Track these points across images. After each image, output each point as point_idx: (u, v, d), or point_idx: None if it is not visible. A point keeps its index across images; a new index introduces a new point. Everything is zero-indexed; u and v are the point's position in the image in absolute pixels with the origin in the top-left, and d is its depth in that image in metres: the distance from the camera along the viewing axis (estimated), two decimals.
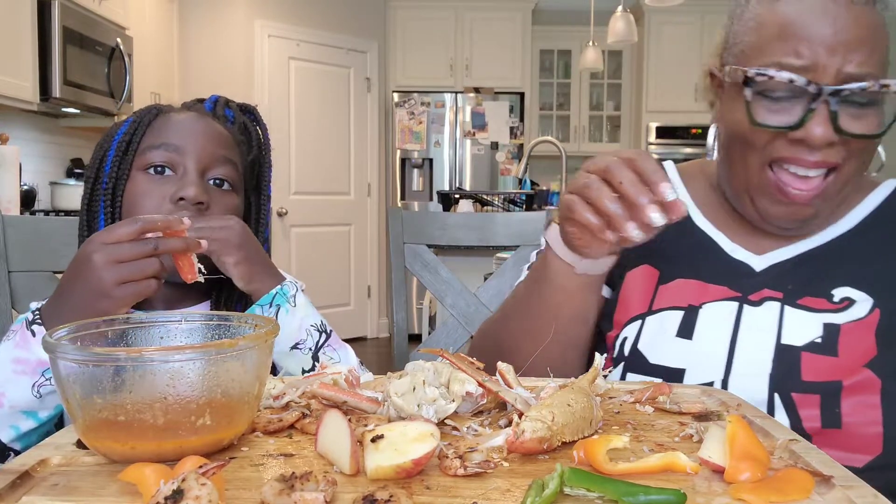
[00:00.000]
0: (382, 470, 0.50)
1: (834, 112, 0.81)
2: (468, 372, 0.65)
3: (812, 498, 0.47)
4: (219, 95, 1.11)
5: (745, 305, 0.89)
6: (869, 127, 0.83)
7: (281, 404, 0.67)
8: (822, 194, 0.85)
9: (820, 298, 0.87)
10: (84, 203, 1.00)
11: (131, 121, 1.00)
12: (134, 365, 0.52)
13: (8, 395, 0.80)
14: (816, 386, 0.81)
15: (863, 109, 0.83)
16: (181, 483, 0.43)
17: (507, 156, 6.06)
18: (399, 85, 6.11)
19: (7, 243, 1.24)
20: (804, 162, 0.84)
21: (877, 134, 0.84)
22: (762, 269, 0.92)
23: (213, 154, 0.99)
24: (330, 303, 5.64)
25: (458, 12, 6.13)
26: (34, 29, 3.34)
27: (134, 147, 0.97)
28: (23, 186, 3.51)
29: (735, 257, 0.94)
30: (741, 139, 0.88)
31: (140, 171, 0.97)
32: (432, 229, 1.53)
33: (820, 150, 0.83)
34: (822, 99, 0.81)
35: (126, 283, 0.78)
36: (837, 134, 0.82)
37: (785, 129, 0.84)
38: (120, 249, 0.78)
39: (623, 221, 0.76)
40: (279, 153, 5.33)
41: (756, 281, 0.91)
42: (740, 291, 0.90)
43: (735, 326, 0.88)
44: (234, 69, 5.11)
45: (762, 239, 0.94)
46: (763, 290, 0.90)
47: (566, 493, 0.48)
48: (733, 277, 0.92)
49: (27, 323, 0.83)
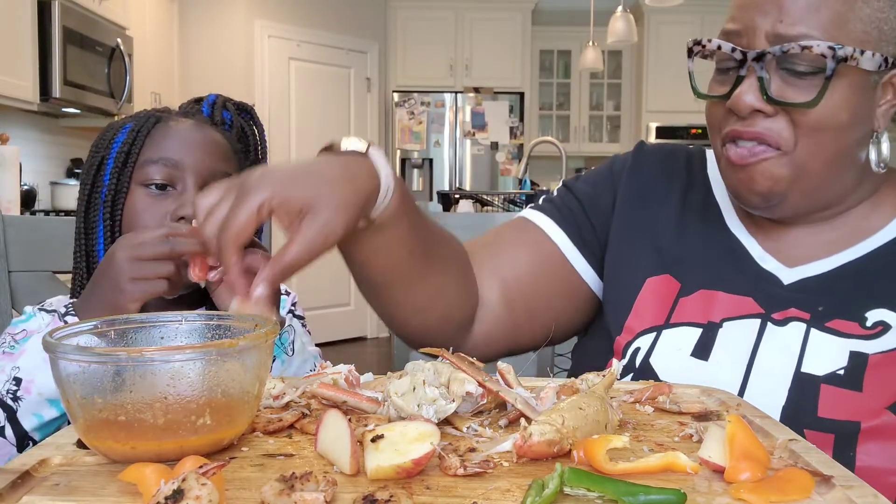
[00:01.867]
0: (382, 470, 0.50)
1: (761, 78, 0.76)
2: (468, 372, 0.65)
3: (812, 498, 0.47)
4: (217, 95, 1.10)
5: (768, 324, 0.83)
6: (804, 97, 0.75)
7: (281, 404, 0.67)
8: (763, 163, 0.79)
9: (851, 322, 0.80)
10: (81, 209, 1.00)
11: (129, 128, 1.00)
12: (134, 365, 0.52)
13: (36, 382, 0.82)
14: (832, 424, 0.75)
15: (804, 78, 0.75)
16: (181, 483, 0.43)
17: (507, 156, 6.06)
18: (399, 85, 6.11)
19: (7, 243, 1.24)
20: (739, 133, 0.79)
21: (807, 103, 0.75)
22: (791, 283, 0.85)
23: (212, 169, 0.99)
24: (330, 303, 5.64)
25: (458, 12, 6.13)
26: (34, 29, 3.34)
27: (133, 159, 0.97)
28: (23, 186, 3.51)
29: (764, 267, 0.87)
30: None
31: (139, 185, 0.97)
32: None
33: (750, 121, 0.78)
34: (748, 64, 0.76)
35: (139, 280, 0.83)
36: (767, 103, 0.76)
37: (717, 98, 0.80)
38: (141, 248, 0.83)
39: None
40: (279, 153, 5.35)
41: (784, 297, 0.84)
42: (765, 307, 0.84)
43: (754, 348, 0.82)
44: (235, 69, 5.11)
45: (794, 248, 0.88)
46: (790, 310, 0.83)
47: (566, 492, 0.48)
48: (760, 289, 0.86)
49: (59, 315, 0.89)
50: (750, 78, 0.77)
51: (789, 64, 0.76)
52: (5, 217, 1.25)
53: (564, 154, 3.56)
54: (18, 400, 0.82)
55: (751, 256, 0.89)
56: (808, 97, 0.75)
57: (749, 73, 0.77)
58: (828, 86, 0.75)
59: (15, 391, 0.82)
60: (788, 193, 0.81)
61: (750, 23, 0.77)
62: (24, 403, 0.82)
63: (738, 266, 0.88)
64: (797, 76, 0.76)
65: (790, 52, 0.75)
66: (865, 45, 0.76)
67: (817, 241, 0.87)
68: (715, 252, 0.90)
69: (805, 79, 0.76)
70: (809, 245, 0.87)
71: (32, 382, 0.82)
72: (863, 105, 0.78)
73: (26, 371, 0.83)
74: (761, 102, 0.76)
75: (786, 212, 0.85)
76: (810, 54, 0.74)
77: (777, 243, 0.89)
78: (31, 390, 0.83)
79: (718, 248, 0.90)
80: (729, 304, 0.86)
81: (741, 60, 0.77)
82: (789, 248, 0.88)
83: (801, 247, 0.87)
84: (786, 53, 0.75)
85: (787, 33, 0.75)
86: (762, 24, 0.76)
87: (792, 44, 0.74)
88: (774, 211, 0.85)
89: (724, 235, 0.91)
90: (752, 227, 0.91)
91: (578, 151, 6.58)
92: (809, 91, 0.75)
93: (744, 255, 0.89)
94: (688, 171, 0.98)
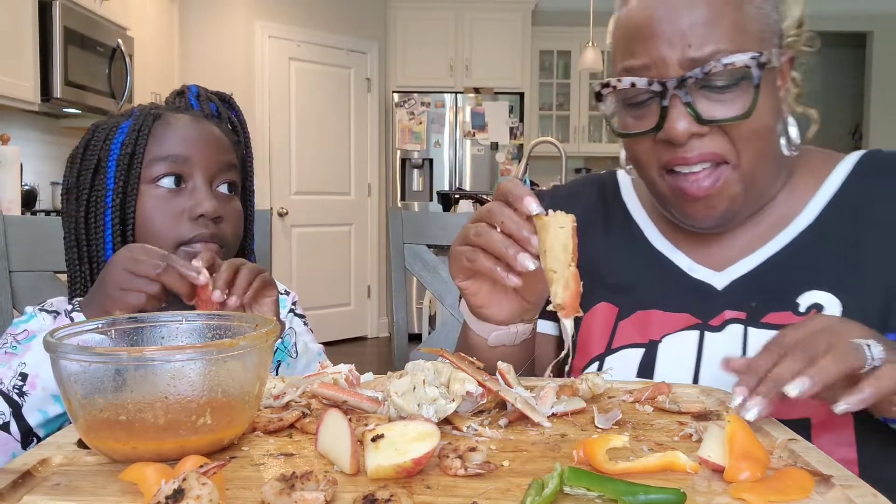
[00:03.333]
0: (383, 469, 0.50)
1: (688, 103, 0.76)
2: (468, 372, 0.65)
3: (812, 497, 0.47)
4: (197, 86, 1.09)
5: (706, 333, 0.84)
6: (736, 109, 0.77)
7: (281, 404, 0.68)
8: (722, 185, 0.80)
9: (785, 312, 0.81)
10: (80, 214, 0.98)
11: (127, 128, 0.98)
12: (135, 365, 0.53)
13: (41, 377, 0.82)
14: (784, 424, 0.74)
15: (725, 93, 0.77)
16: (182, 482, 0.43)
17: (507, 156, 6.06)
18: (399, 85, 6.11)
19: (8, 243, 1.24)
20: (685, 160, 0.79)
21: (742, 115, 0.76)
22: (724, 287, 0.86)
23: (219, 162, 0.99)
24: (330, 303, 5.64)
25: (458, 12, 6.13)
26: (35, 29, 3.34)
27: (139, 159, 0.96)
28: (24, 186, 3.50)
29: (696, 277, 0.88)
30: (630, 154, 0.86)
31: (148, 184, 0.96)
32: (432, 229, 1.53)
33: (688, 146, 0.78)
34: (670, 94, 0.76)
35: (126, 291, 0.84)
36: (700, 124, 0.77)
37: (646, 133, 0.80)
38: (138, 264, 0.84)
39: (515, 256, 0.70)
40: (280, 154, 5.35)
41: (718, 302, 0.85)
42: (701, 317, 0.85)
43: (697, 358, 0.83)
44: (235, 70, 5.10)
45: (721, 251, 0.88)
46: (724, 313, 0.84)
47: (566, 492, 0.48)
48: (695, 301, 0.86)
49: (66, 312, 0.89)
50: (676, 105, 0.77)
51: (709, 83, 0.77)
52: (6, 217, 1.25)
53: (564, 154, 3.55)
54: (24, 395, 0.82)
55: (680, 270, 0.90)
56: (736, 109, 0.77)
57: (673, 102, 0.77)
58: (759, 94, 0.76)
59: (21, 386, 0.82)
60: (742, 207, 0.83)
61: (657, 55, 0.77)
62: (30, 399, 0.82)
63: (669, 282, 0.90)
64: (719, 92, 0.77)
65: (713, 72, 0.75)
66: (766, 43, 0.79)
67: (743, 239, 0.88)
68: (645, 272, 0.91)
69: (727, 92, 0.77)
70: (736, 245, 0.88)
71: (38, 377, 0.82)
72: (776, 99, 0.81)
73: (32, 366, 0.83)
74: (696, 126, 0.77)
75: (736, 224, 0.86)
76: (734, 69, 0.75)
77: (704, 251, 0.90)
78: (37, 385, 0.82)
79: (647, 268, 0.92)
80: (666, 321, 0.87)
81: (660, 92, 0.77)
82: (717, 252, 0.89)
83: (728, 249, 0.88)
84: (708, 74, 0.76)
85: (700, 56, 0.76)
86: (670, 53, 0.77)
87: (712, 63, 0.75)
88: (727, 226, 0.86)
89: (650, 254, 0.93)
90: (677, 241, 0.92)
91: (578, 152, 6.58)
92: (735, 102, 0.77)
93: (673, 270, 0.90)
94: (602, 199, 1.00)
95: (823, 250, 0.83)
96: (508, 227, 0.71)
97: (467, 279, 0.78)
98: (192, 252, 0.95)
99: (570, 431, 0.63)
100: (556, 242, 0.67)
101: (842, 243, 0.83)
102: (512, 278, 0.72)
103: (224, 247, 0.98)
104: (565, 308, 0.65)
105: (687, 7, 0.76)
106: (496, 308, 0.79)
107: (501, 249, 0.71)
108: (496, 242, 0.72)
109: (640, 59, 0.79)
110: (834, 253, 0.83)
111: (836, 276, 0.81)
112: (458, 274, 0.78)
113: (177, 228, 0.95)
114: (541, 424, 0.64)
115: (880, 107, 6.95)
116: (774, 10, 0.81)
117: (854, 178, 0.86)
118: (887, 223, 0.82)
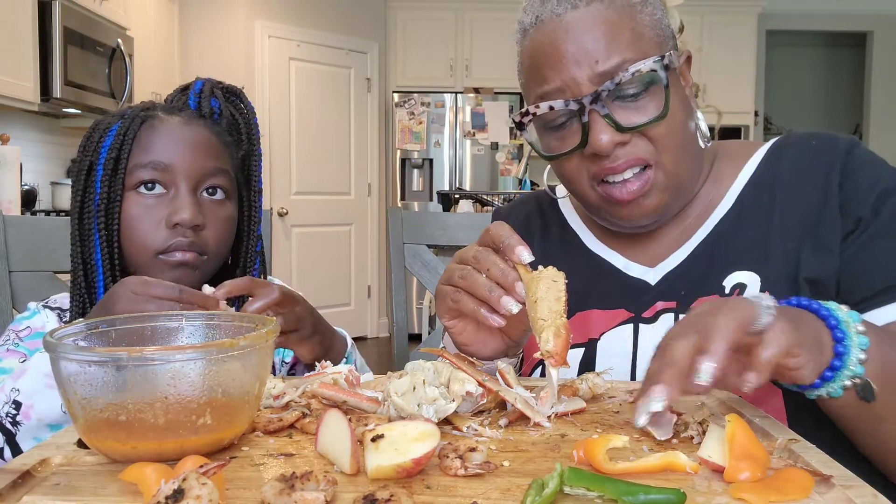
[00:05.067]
0: (383, 469, 0.50)
1: (606, 115, 0.80)
2: (468, 372, 0.65)
3: (812, 497, 0.47)
4: (204, 81, 1.06)
5: (640, 325, 0.87)
6: (651, 112, 0.81)
7: (281, 404, 0.67)
8: (650, 187, 0.84)
9: (712, 295, 0.84)
10: (75, 214, 0.98)
11: (115, 131, 0.97)
12: (135, 365, 0.52)
13: (36, 408, 0.80)
14: None
15: (638, 99, 0.81)
16: (182, 482, 0.43)
17: (507, 156, 6.06)
18: (399, 85, 6.11)
19: (8, 243, 1.24)
20: (613, 169, 0.83)
21: (659, 116, 0.81)
22: (657, 281, 0.90)
23: (203, 168, 0.97)
24: (330, 303, 5.64)
25: (458, 12, 6.13)
26: (35, 29, 3.34)
27: (123, 165, 0.95)
28: (23, 186, 3.50)
29: (631, 275, 0.92)
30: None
31: (131, 190, 0.96)
32: (432, 229, 1.53)
33: (616, 153, 0.82)
34: (587, 110, 0.81)
35: None
36: (622, 132, 0.81)
37: (573, 151, 0.83)
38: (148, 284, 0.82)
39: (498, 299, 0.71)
40: (280, 154, 5.35)
41: (651, 296, 0.89)
42: (635, 311, 0.88)
43: (633, 351, 0.87)
44: (235, 70, 5.10)
45: (654, 248, 0.92)
46: (656, 304, 0.88)
47: (566, 492, 0.48)
48: (630, 297, 0.90)
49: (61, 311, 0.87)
50: (596, 120, 0.81)
51: (622, 92, 0.81)
52: (6, 217, 1.26)
53: None
54: (18, 425, 0.80)
55: (616, 269, 0.94)
56: (651, 112, 0.81)
57: (593, 117, 0.81)
58: (669, 94, 0.81)
59: (14, 415, 0.80)
60: (671, 203, 0.87)
61: (567, 77, 0.82)
62: (24, 428, 0.80)
63: (605, 282, 0.93)
64: (632, 99, 0.81)
65: (623, 82, 0.80)
66: (664, 46, 0.84)
67: (673, 234, 0.92)
68: (582, 275, 0.94)
69: (640, 99, 0.81)
70: (666, 241, 0.92)
71: (32, 408, 0.80)
72: (684, 97, 0.86)
73: (26, 395, 0.80)
74: (618, 135, 0.81)
75: (665, 221, 0.90)
76: (642, 75, 0.80)
77: (638, 249, 0.94)
78: (31, 416, 0.80)
79: (585, 271, 0.95)
80: (603, 319, 0.90)
81: (578, 110, 0.81)
82: (650, 249, 0.93)
83: (659, 245, 0.92)
84: (619, 84, 0.80)
85: (608, 69, 0.80)
86: (580, 73, 0.81)
87: (621, 74, 0.80)
88: (658, 223, 0.90)
89: (587, 258, 0.97)
90: (612, 243, 0.97)
91: None
92: (649, 107, 0.82)
93: (610, 270, 0.94)
94: (540, 212, 1.06)
95: (742, 231, 0.88)
96: (494, 273, 0.72)
97: (452, 319, 0.79)
98: (169, 261, 0.94)
99: (570, 431, 0.63)
100: (549, 293, 0.67)
101: (757, 221, 0.88)
102: (496, 318, 0.73)
103: (205, 255, 0.97)
104: (555, 357, 0.64)
105: (586, 27, 0.81)
106: (481, 346, 0.80)
107: (485, 293, 0.72)
108: (481, 286, 0.73)
109: (553, 83, 0.83)
110: (751, 231, 0.87)
111: (753, 253, 0.85)
112: (443, 314, 0.79)
113: (154, 236, 0.94)
114: (541, 424, 0.64)
115: (880, 107, 6.95)
116: (665, 16, 0.87)
117: (767, 160, 0.91)
118: (790, 195, 0.87)
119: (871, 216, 0.81)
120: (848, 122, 7.67)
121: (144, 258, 0.95)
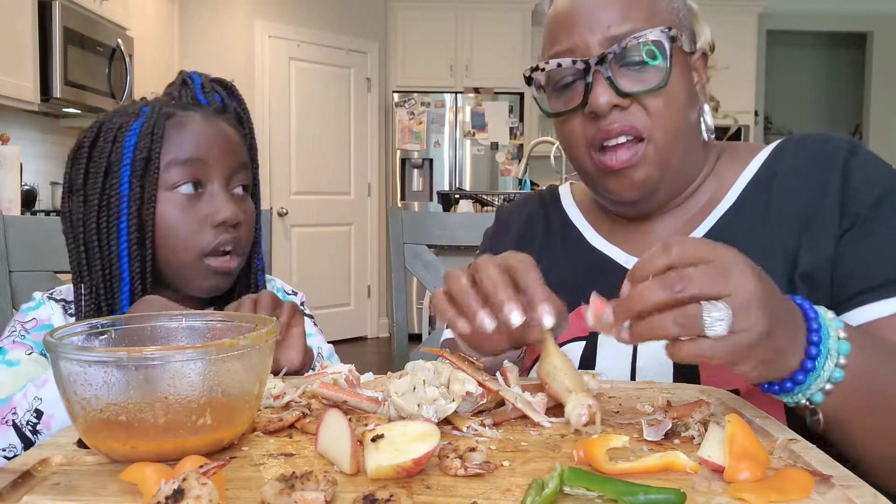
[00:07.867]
0: (383, 469, 0.50)
1: (609, 77, 0.84)
2: (468, 372, 0.65)
3: (812, 497, 0.47)
4: (200, 76, 1.04)
5: None
6: (652, 84, 0.84)
7: (281, 404, 0.67)
8: (639, 159, 0.86)
9: None
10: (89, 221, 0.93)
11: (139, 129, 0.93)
12: (135, 365, 0.52)
13: (56, 418, 0.79)
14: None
15: (643, 70, 0.85)
16: (182, 483, 0.43)
17: (507, 156, 6.06)
18: (399, 85, 6.11)
19: (8, 243, 1.24)
20: (608, 132, 0.85)
21: (657, 86, 0.84)
22: None
23: (233, 164, 0.97)
24: (330, 303, 5.64)
25: (458, 12, 6.13)
26: (35, 29, 3.34)
27: (155, 165, 0.92)
28: (23, 186, 3.50)
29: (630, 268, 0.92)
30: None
31: (165, 191, 0.93)
32: (432, 229, 1.53)
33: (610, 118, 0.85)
34: (592, 70, 0.84)
35: None
36: (621, 97, 0.84)
37: (574, 111, 0.87)
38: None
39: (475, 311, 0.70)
40: (280, 153, 5.34)
41: None
42: None
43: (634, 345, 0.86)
44: (235, 70, 5.09)
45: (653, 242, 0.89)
46: None
47: (566, 492, 0.48)
48: None
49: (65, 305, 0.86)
50: (599, 81, 0.85)
51: (628, 59, 0.85)
52: (6, 217, 1.26)
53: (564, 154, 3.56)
54: (38, 434, 0.78)
55: (617, 263, 0.95)
56: (654, 82, 0.85)
57: (596, 77, 0.85)
58: (671, 65, 0.84)
59: (35, 424, 0.78)
60: (660, 182, 0.89)
61: (580, 39, 0.86)
62: (43, 437, 0.78)
63: (606, 276, 0.93)
64: (637, 67, 0.85)
65: (629, 46, 0.84)
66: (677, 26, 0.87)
67: (674, 227, 0.94)
68: (584, 270, 0.97)
69: (645, 68, 0.85)
70: (666, 234, 0.94)
71: (53, 418, 0.79)
72: (690, 84, 0.89)
73: (48, 405, 0.79)
74: (617, 97, 0.84)
75: (658, 201, 0.92)
76: (647, 41, 0.84)
77: (638, 244, 0.95)
78: (52, 426, 0.79)
79: (586, 266, 0.97)
80: None
81: (584, 70, 0.85)
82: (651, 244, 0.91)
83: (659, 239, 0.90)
84: (625, 49, 0.84)
85: (619, 33, 0.84)
86: (591, 37, 0.85)
87: (629, 38, 0.84)
88: (650, 203, 0.92)
89: (588, 253, 0.99)
90: (613, 238, 0.98)
91: None
92: (652, 77, 0.85)
93: (610, 265, 0.96)
94: (543, 209, 1.09)
95: (742, 229, 0.89)
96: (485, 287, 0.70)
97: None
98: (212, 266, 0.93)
99: (569, 431, 0.63)
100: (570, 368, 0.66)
101: (757, 220, 0.89)
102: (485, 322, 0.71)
103: (241, 255, 0.97)
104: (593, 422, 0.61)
105: None
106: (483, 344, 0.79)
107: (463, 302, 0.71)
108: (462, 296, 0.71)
109: (564, 44, 0.87)
110: (751, 229, 0.89)
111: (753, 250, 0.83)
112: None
113: (199, 237, 0.93)
114: (541, 424, 0.64)
115: (880, 107, 6.95)
116: (683, 7, 0.91)
117: (770, 160, 0.93)
118: (789, 194, 0.88)
119: (870, 213, 0.82)
120: (848, 122, 7.67)
121: (187, 260, 0.94)
